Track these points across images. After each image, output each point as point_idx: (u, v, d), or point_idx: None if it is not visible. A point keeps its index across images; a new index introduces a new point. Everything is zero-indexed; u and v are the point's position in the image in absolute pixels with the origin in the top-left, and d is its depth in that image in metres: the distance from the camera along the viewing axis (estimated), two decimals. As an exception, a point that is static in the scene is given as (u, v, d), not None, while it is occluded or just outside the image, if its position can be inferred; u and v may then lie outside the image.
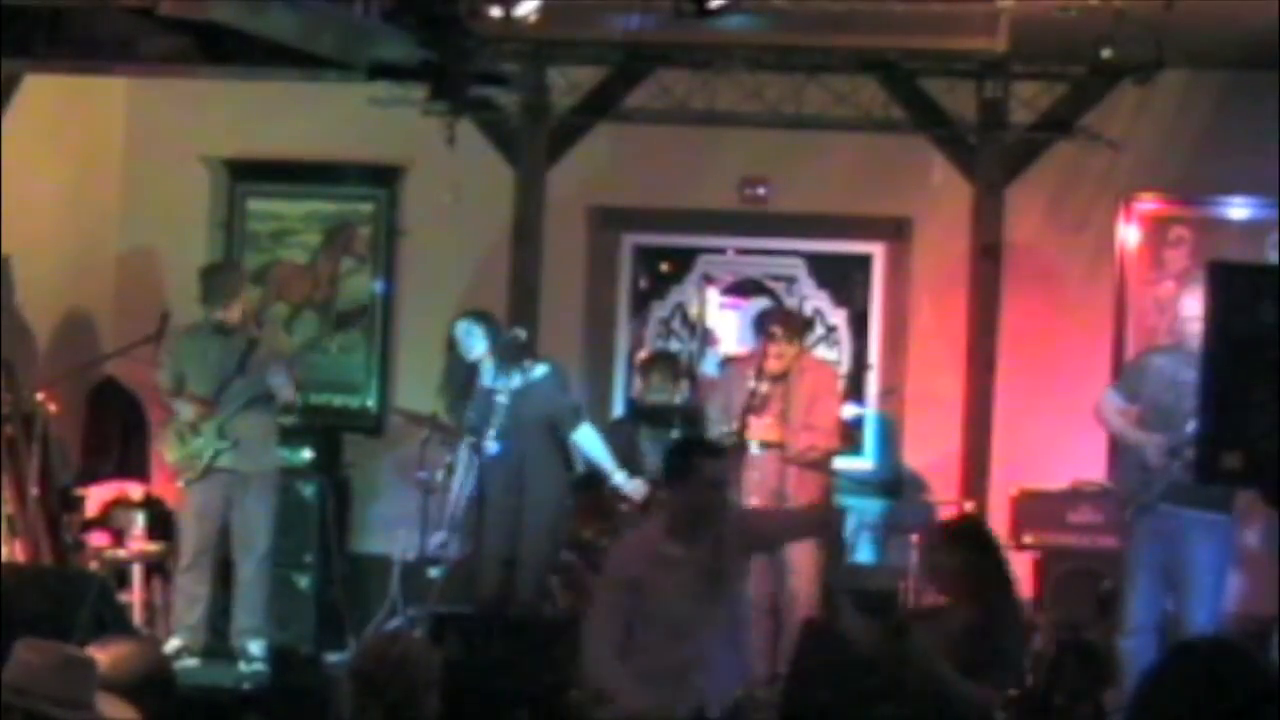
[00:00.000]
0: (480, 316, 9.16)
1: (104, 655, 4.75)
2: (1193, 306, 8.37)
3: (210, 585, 9.15)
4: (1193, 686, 3.85)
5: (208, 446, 9.01)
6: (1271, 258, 9.64)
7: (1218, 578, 8.32)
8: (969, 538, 6.81)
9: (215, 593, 9.20)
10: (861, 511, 9.96)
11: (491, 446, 8.78)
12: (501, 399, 8.81)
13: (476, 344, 9.01)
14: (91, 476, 10.21)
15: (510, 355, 8.94)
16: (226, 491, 9.07)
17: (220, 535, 9.15)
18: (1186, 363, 8.25)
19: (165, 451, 9.25)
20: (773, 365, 8.82)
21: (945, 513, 9.42)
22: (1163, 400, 8.29)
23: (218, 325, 9.14)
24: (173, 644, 8.97)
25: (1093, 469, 9.38)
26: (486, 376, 8.98)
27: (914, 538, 9.34)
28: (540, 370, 9.03)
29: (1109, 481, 8.63)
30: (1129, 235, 9.99)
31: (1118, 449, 8.80)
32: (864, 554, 10.07)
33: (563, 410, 9.07)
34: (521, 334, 9.07)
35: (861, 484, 9.90)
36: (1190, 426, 8.08)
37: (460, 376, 9.08)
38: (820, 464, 8.98)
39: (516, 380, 8.92)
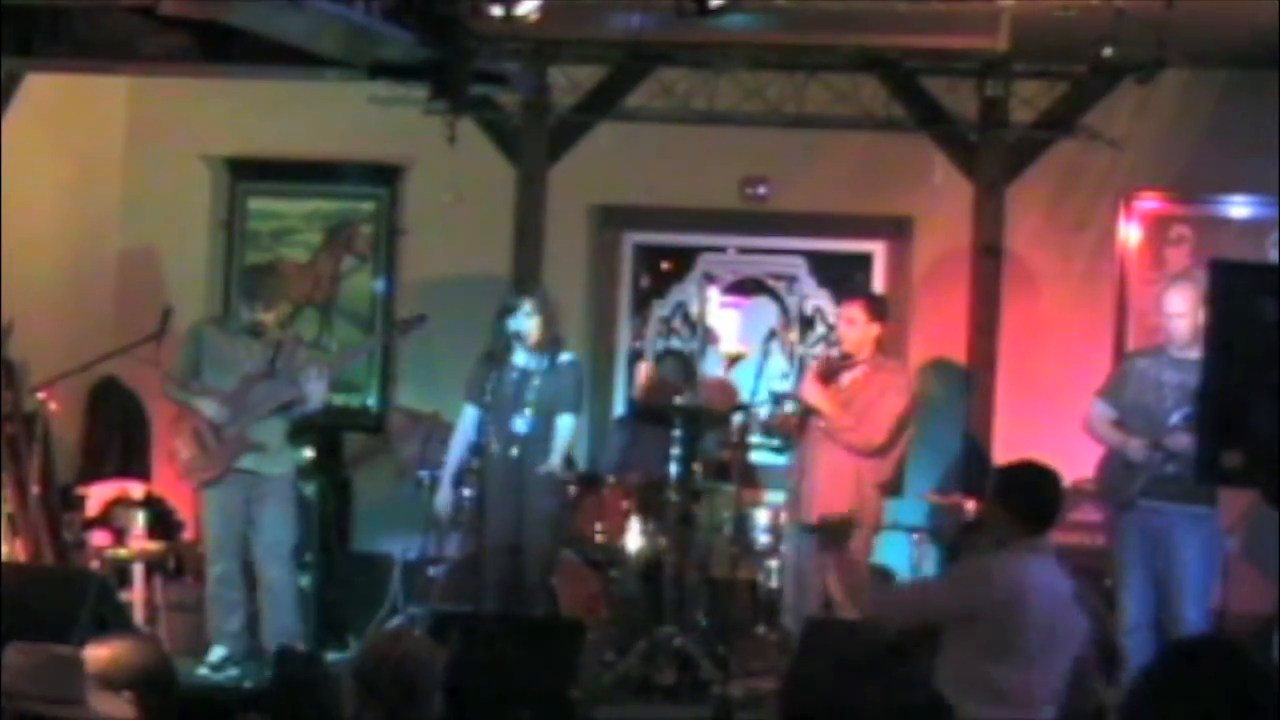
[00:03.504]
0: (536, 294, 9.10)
1: (104, 653, 4.76)
2: (1177, 303, 8.36)
3: (244, 590, 8.95)
4: (1191, 687, 3.81)
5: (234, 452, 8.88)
6: (1272, 257, 9.64)
7: (1206, 574, 8.30)
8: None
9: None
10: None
11: (521, 425, 8.79)
12: (535, 380, 8.81)
13: (533, 324, 8.92)
14: (92, 475, 10.22)
15: (552, 339, 8.94)
16: (247, 494, 8.88)
17: (244, 538, 8.95)
18: (1169, 364, 8.26)
19: (181, 449, 8.97)
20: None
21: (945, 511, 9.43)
22: (1144, 400, 8.28)
23: (253, 326, 8.98)
24: (217, 654, 8.84)
25: (1093, 469, 9.37)
26: (520, 356, 8.95)
27: (915, 536, 9.35)
28: (566, 356, 8.99)
29: (1091, 480, 8.58)
30: (1129, 234, 9.98)
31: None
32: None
33: (572, 399, 9.02)
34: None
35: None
36: (1174, 419, 8.10)
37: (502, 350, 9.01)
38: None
39: (546, 362, 8.92)
